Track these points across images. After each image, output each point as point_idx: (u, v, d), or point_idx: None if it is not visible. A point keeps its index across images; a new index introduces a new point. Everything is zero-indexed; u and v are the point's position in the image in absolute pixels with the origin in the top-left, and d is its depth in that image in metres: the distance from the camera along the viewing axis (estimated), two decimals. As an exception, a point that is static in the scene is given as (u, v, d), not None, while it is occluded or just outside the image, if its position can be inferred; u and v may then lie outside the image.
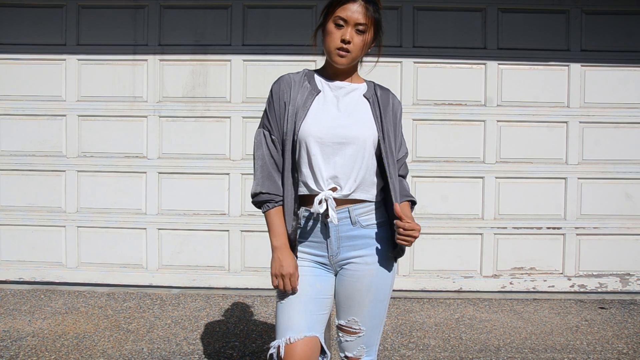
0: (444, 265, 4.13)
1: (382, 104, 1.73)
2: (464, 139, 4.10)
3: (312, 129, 1.64)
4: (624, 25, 4.08)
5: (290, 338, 1.61)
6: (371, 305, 1.71)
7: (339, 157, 1.65)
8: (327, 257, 1.71)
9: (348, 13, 1.61)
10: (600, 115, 4.10)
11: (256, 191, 1.72)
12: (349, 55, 1.64)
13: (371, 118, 1.70)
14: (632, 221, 4.13)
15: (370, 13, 1.62)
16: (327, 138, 1.64)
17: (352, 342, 1.74)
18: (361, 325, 1.72)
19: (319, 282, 1.70)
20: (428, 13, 4.08)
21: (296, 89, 1.70)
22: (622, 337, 3.32)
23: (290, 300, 1.67)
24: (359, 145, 1.65)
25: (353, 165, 1.65)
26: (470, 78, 4.09)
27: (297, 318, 1.64)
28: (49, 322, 3.40)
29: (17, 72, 4.13)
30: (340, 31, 1.63)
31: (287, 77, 1.74)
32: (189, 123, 4.11)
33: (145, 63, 4.11)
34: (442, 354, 3.03)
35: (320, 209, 1.63)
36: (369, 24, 1.63)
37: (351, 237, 1.69)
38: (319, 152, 1.64)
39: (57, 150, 4.14)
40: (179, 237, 4.14)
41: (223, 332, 3.31)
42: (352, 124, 1.66)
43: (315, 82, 1.73)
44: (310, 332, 1.64)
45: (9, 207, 4.16)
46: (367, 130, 1.67)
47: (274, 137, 1.72)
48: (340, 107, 1.69)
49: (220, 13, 4.10)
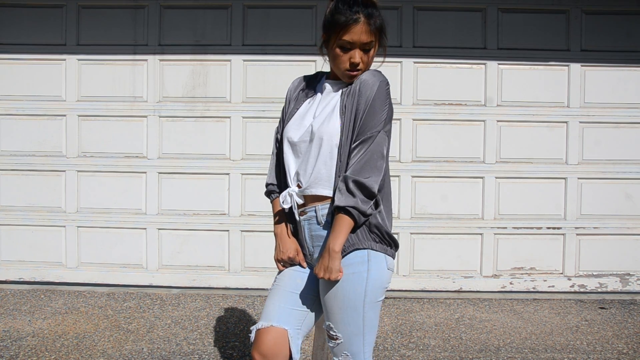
0: (444, 265, 4.13)
1: (360, 91, 1.61)
2: (464, 139, 4.10)
3: (287, 130, 1.72)
4: (624, 25, 4.08)
5: (262, 324, 1.66)
6: (342, 312, 1.61)
7: (304, 154, 1.68)
8: (307, 255, 1.75)
9: (354, 37, 1.58)
10: (600, 115, 4.10)
11: (267, 182, 1.85)
12: (359, 73, 1.64)
13: (336, 111, 1.64)
14: (632, 221, 4.13)
15: (373, 27, 1.59)
16: (297, 137, 1.69)
17: (335, 348, 1.68)
18: (336, 331, 1.64)
19: (300, 278, 1.74)
20: (428, 13, 4.08)
21: (297, 91, 1.79)
22: (622, 337, 3.32)
23: (273, 291, 1.75)
24: (316, 141, 1.64)
25: (309, 160, 1.66)
26: (470, 78, 4.09)
27: (270, 307, 1.70)
28: (49, 322, 3.40)
29: (17, 72, 4.12)
30: (348, 54, 1.60)
31: (299, 78, 1.83)
32: (189, 123, 4.11)
33: (145, 63, 4.11)
34: (442, 354, 3.03)
35: (285, 204, 1.71)
36: (375, 39, 1.62)
37: (319, 236, 1.68)
38: (290, 151, 1.72)
39: (57, 150, 4.14)
40: (179, 237, 4.14)
41: (223, 332, 3.31)
42: (317, 121, 1.66)
43: (317, 84, 1.78)
44: (279, 323, 1.65)
45: (9, 207, 4.16)
46: (326, 126, 1.63)
47: (279, 135, 1.81)
48: (322, 106, 1.69)
49: (220, 13, 4.10)
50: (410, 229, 4.11)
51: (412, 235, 4.12)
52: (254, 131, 4.08)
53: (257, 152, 4.07)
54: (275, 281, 1.77)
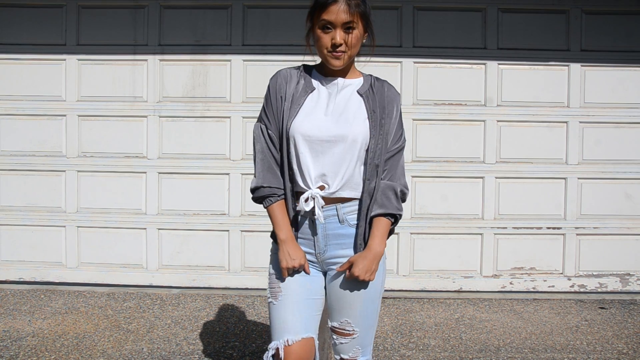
0: (444, 265, 4.13)
1: (379, 99, 1.70)
2: (464, 139, 4.10)
3: (301, 126, 1.64)
4: (624, 25, 4.08)
5: (288, 340, 1.62)
6: (362, 305, 1.69)
7: (328, 155, 1.64)
8: (315, 254, 1.71)
9: (333, 16, 1.59)
10: (600, 115, 4.10)
11: (257, 185, 1.71)
12: (344, 55, 1.63)
13: (363, 115, 1.67)
14: (632, 221, 4.13)
15: (353, 9, 1.59)
16: (315, 136, 1.63)
17: (347, 344, 1.71)
18: (354, 326, 1.70)
19: (310, 283, 1.70)
20: (428, 13, 4.08)
21: (292, 85, 1.70)
22: (622, 337, 3.32)
23: (284, 302, 1.67)
24: (348, 144, 1.63)
25: (341, 163, 1.64)
26: (470, 78, 4.09)
27: (292, 320, 1.65)
28: (49, 322, 3.40)
29: (17, 72, 4.12)
30: (329, 34, 1.61)
31: (285, 71, 1.74)
32: (189, 123, 4.11)
33: (145, 63, 4.11)
34: (442, 354, 3.03)
35: (307, 207, 1.64)
36: (356, 19, 1.61)
37: (338, 235, 1.68)
38: (307, 150, 1.64)
39: (57, 150, 4.14)
40: (178, 237, 4.14)
41: (223, 332, 3.31)
42: (342, 122, 1.65)
43: (310, 79, 1.72)
44: (307, 333, 1.65)
45: (9, 207, 4.16)
46: (357, 128, 1.65)
47: (271, 132, 1.71)
48: (333, 104, 1.68)
49: (220, 13, 4.10)
50: (410, 229, 4.11)
51: (412, 235, 4.12)
52: (254, 131, 4.07)
53: (257, 152, 4.06)
54: (281, 291, 1.69)
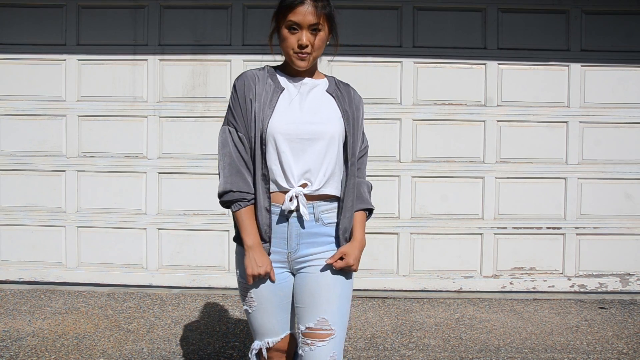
0: (444, 265, 4.13)
1: (347, 100, 1.75)
2: (464, 139, 4.10)
3: (279, 126, 1.64)
4: (624, 25, 4.08)
5: (268, 342, 1.76)
6: (338, 300, 1.68)
7: (309, 153, 1.65)
8: (286, 253, 1.70)
9: (300, 17, 1.61)
10: (600, 115, 4.10)
11: (225, 189, 1.68)
12: (309, 56, 1.66)
13: (338, 113, 1.71)
14: (632, 221, 4.13)
15: (319, 10, 1.62)
16: (295, 134, 1.64)
17: (324, 348, 1.64)
18: (332, 324, 1.66)
19: (280, 289, 1.73)
20: (428, 13, 4.08)
21: (261, 86, 1.68)
22: (622, 337, 3.32)
23: (259, 310, 1.74)
24: (328, 141, 1.66)
25: (323, 160, 1.66)
26: (470, 78, 4.09)
27: (269, 325, 1.75)
28: (49, 322, 3.40)
29: (17, 72, 4.12)
30: (296, 35, 1.63)
31: (251, 73, 1.72)
32: (189, 123, 4.11)
33: (145, 63, 4.11)
34: (442, 354, 3.03)
35: (292, 205, 1.64)
36: (322, 21, 1.63)
37: (312, 234, 1.69)
38: (288, 149, 1.64)
39: (57, 150, 4.14)
40: (178, 237, 4.14)
41: (223, 332, 3.31)
42: (319, 120, 1.67)
43: (277, 79, 1.72)
44: (285, 332, 1.78)
45: (9, 207, 4.16)
46: (334, 125, 1.68)
47: (241, 134, 1.68)
48: (306, 103, 1.69)
49: (220, 13, 4.10)
50: (410, 229, 4.11)
51: (412, 235, 4.12)
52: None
53: (257, 152, 4.06)
54: (254, 301, 1.71)
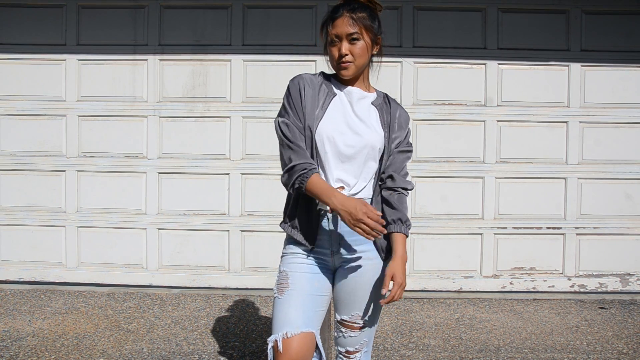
0: (444, 265, 4.13)
1: (392, 116, 1.83)
2: (464, 139, 4.10)
3: (327, 129, 1.71)
4: (624, 25, 4.08)
5: (287, 333, 1.63)
6: (374, 298, 1.76)
7: (350, 159, 1.72)
8: (329, 252, 1.76)
9: (338, 30, 1.70)
10: (600, 115, 4.10)
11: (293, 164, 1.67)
12: (351, 65, 1.72)
13: (379, 125, 1.78)
14: (632, 221, 4.13)
15: (356, 21, 1.69)
16: (340, 140, 1.70)
17: (355, 337, 1.79)
18: (364, 319, 1.77)
19: (317, 280, 1.75)
20: (428, 13, 4.08)
21: (315, 89, 1.76)
22: (622, 337, 3.32)
23: (289, 297, 1.70)
24: (369, 150, 1.73)
25: (363, 168, 1.73)
26: (470, 78, 4.09)
27: (294, 314, 1.66)
28: (49, 322, 3.40)
29: (18, 72, 4.12)
30: (337, 47, 1.72)
31: (307, 75, 1.80)
32: (189, 123, 4.11)
33: (145, 63, 4.11)
34: (442, 354, 3.03)
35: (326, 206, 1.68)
36: (361, 31, 1.70)
37: (352, 232, 1.71)
38: (331, 152, 1.71)
39: (57, 150, 4.14)
40: (179, 237, 4.14)
41: (223, 332, 3.31)
42: (364, 129, 1.74)
43: (331, 85, 1.79)
44: (307, 327, 1.65)
45: (9, 207, 4.16)
46: (376, 136, 1.75)
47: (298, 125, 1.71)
48: (354, 112, 1.76)
49: (220, 13, 4.10)
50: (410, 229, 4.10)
51: (412, 235, 4.12)
52: (254, 131, 4.08)
53: (257, 152, 4.07)
54: (288, 286, 1.71)
